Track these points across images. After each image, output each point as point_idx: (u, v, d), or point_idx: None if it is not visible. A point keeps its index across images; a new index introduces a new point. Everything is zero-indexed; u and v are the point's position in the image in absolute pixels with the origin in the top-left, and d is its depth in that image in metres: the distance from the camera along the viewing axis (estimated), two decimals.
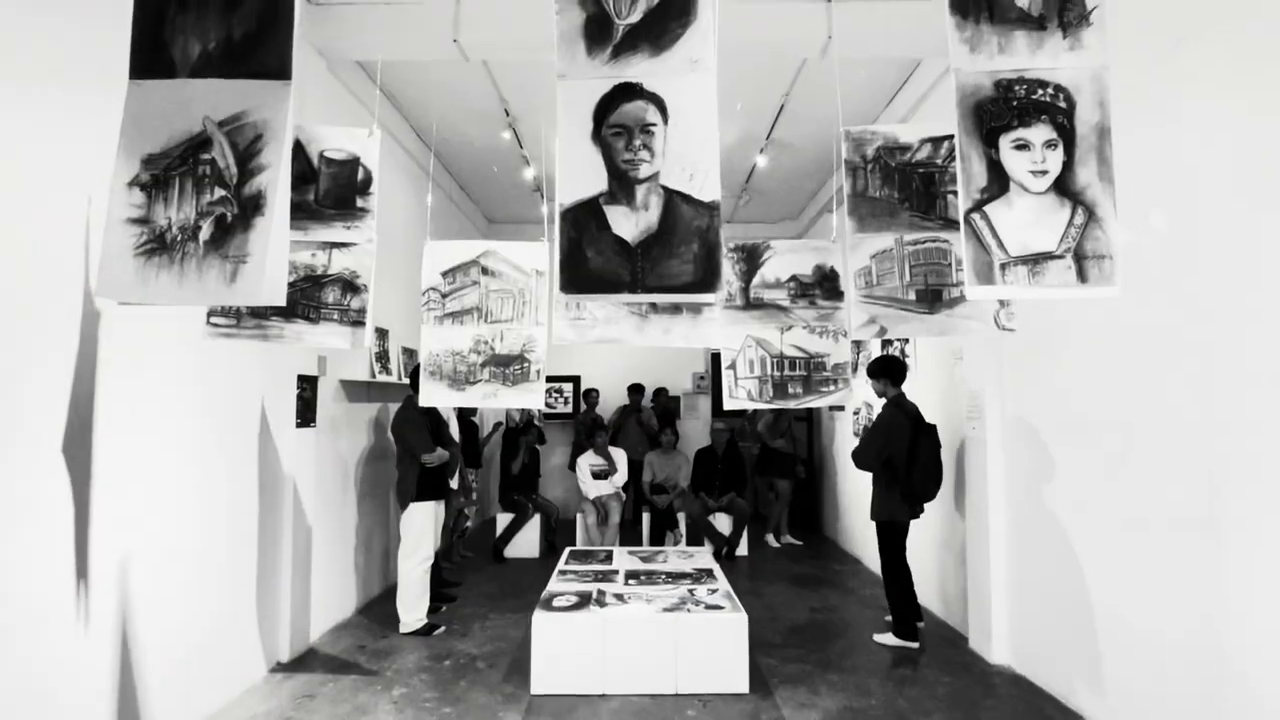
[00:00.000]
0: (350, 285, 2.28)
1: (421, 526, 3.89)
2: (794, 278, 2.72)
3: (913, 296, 2.24)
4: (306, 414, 3.61)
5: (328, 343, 2.26)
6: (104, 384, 2.21)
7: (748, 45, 3.33)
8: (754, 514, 6.37)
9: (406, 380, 4.61)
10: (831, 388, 2.71)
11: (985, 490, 3.51)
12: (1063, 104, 1.58)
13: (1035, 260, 1.58)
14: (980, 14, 1.57)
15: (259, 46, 1.56)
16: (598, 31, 1.51)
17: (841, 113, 2.70)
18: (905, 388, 3.87)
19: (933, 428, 3.77)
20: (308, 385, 3.62)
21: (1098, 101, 1.56)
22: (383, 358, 4.60)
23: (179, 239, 1.53)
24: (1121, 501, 2.58)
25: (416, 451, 3.87)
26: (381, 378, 4.52)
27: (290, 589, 3.41)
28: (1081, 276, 1.56)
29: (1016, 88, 1.59)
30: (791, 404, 2.76)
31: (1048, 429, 3.12)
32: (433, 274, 2.88)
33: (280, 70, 1.55)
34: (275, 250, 1.52)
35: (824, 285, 2.71)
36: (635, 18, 1.51)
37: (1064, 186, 1.57)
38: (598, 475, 5.75)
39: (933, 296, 2.24)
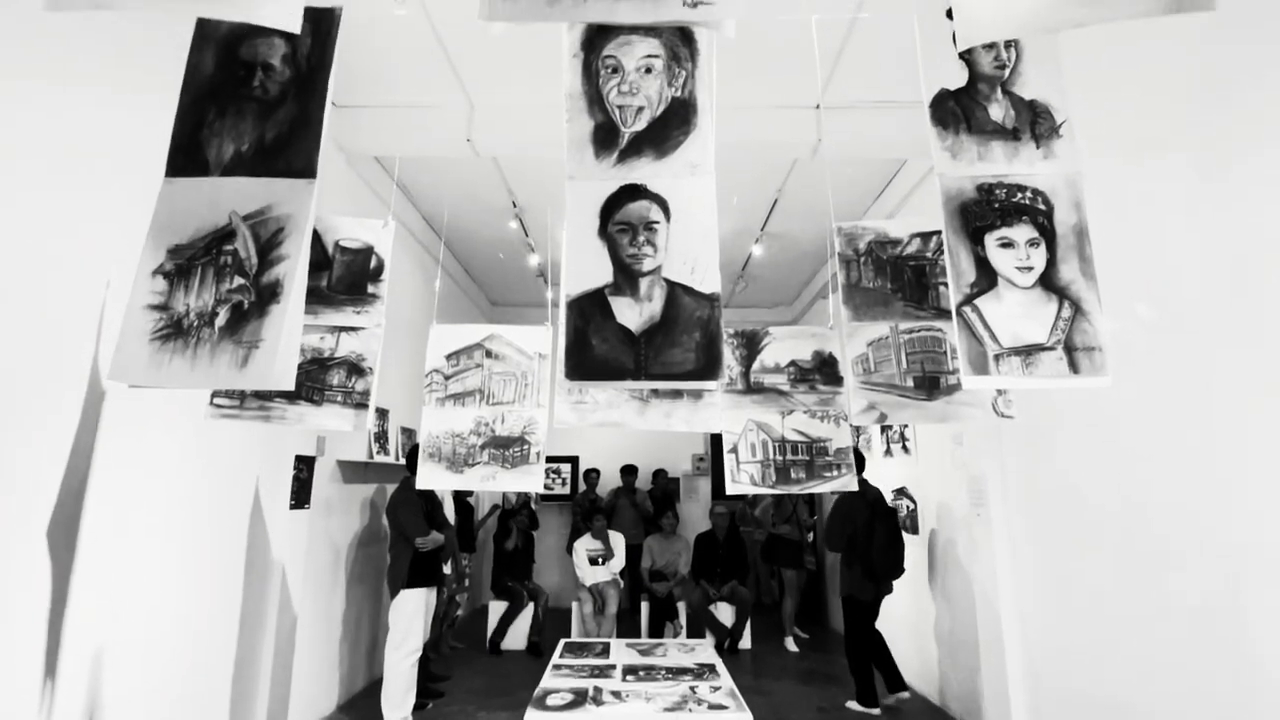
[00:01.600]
0: (356, 368, 2.31)
1: (412, 615, 3.73)
2: (793, 363, 2.77)
3: (910, 383, 2.27)
4: (301, 495, 3.55)
5: (329, 424, 2.26)
6: (99, 465, 2.20)
7: (743, 145, 3.55)
8: (756, 603, 6.13)
9: (404, 461, 4.57)
10: (834, 473, 2.69)
11: (995, 580, 3.41)
12: (1042, 206, 1.67)
13: (1028, 351, 1.62)
14: (959, 125, 1.70)
15: (288, 148, 1.67)
16: (605, 138, 1.62)
17: (833, 207, 2.85)
18: (868, 474, 4.23)
19: (892, 511, 4.02)
20: (305, 466, 3.59)
21: (1074, 204, 1.65)
22: (381, 438, 4.58)
23: (195, 324, 1.57)
24: (1138, 588, 2.51)
25: (410, 534, 3.78)
26: (379, 458, 4.48)
27: (270, 683, 3.23)
28: (1073, 367, 1.60)
29: (997, 191, 1.69)
30: (795, 489, 2.73)
31: (1055, 513, 3.07)
32: (437, 356, 2.92)
33: (306, 169, 1.65)
34: (288, 336, 1.56)
35: (823, 370, 2.75)
36: (640, 126, 1.63)
37: (1049, 282, 1.64)
38: (594, 561, 5.58)
39: (930, 383, 2.27)
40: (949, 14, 1.66)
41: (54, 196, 2.04)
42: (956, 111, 1.71)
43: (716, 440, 7.16)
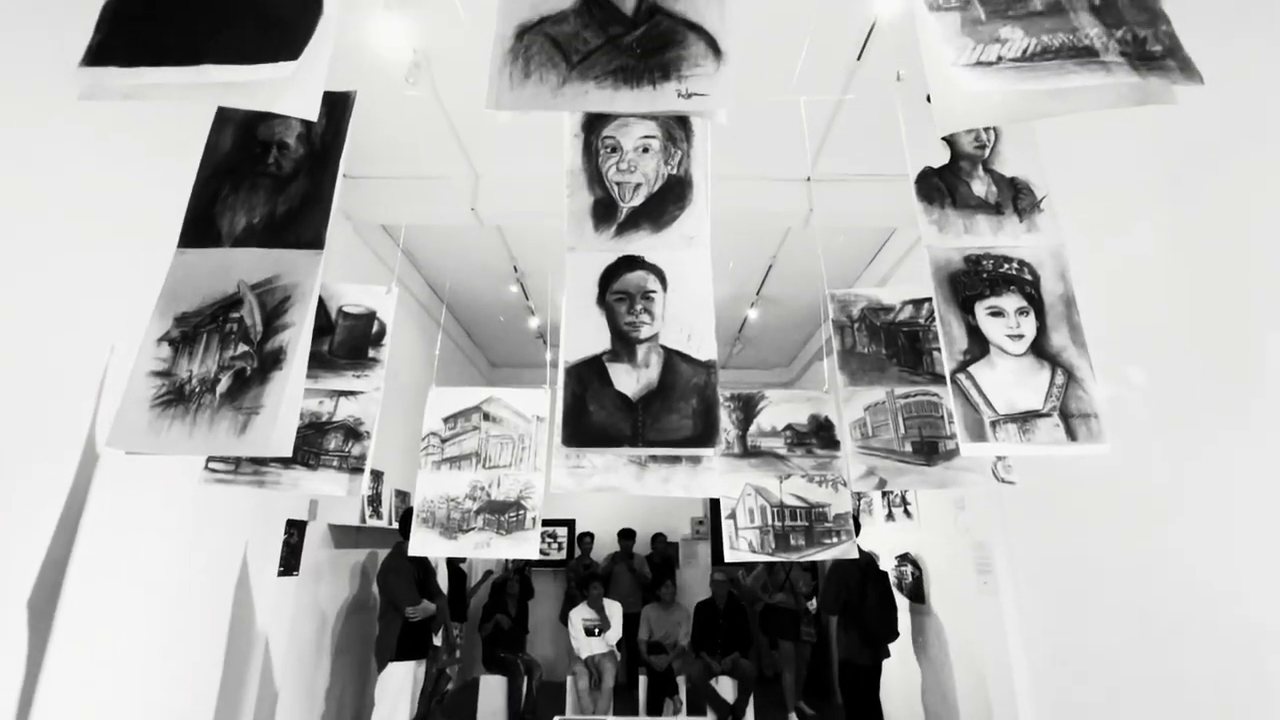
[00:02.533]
0: (353, 432, 2.31)
1: (398, 691, 3.57)
2: (790, 427, 2.77)
3: (909, 448, 2.27)
4: (291, 561, 3.46)
5: (324, 489, 2.24)
6: (86, 530, 2.16)
7: (738, 215, 3.67)
8: (759, 676, 5.87)
9: (396, 525, 4.48)
10: (834, 540, 2.65)
11: (1005, 651, 3.29)
12: (1028, 276, 1.72)
13: (1024, 418, 1.63)
14: (944, 200, 1.77)
15: (298, 221, 1.73)
16: (604, 212, 1.68)
17: (825, 274, 2.92)
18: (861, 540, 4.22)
19: (883, 575, 4.11)
20: (295, 531, 3.52)
21: (1059, 275, 1.70)
22: (375, 501, 4.51)
23: (197, 391, 1.58)
24: (1154, 659, 2.42)
25: (400, 603, 3.67)
26: (372, 522, 4.40)
27: None
28: (1071, 435, 1.60)
29: (984, 262, 1.74)
30: (794, 556, 2.68)
31: (1063, 581, 3.00)
32: (435, 419, 2.92)
33: (315, 241, 1.70)
34: (288, 403, 1.57)
35: (820, 434, 2.75)
36: (638, 201, 1.69)
37: (1041, 350, 1.66)
38: (590, 631, 5.38)
39: (929, 449, 2.27)
40: (929, 98, 1.76)
41: (69, 254, 2.09)
42: (941, 187, 1.79)
43: (716, 503, 7.05)
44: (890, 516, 4.93)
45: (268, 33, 1.19)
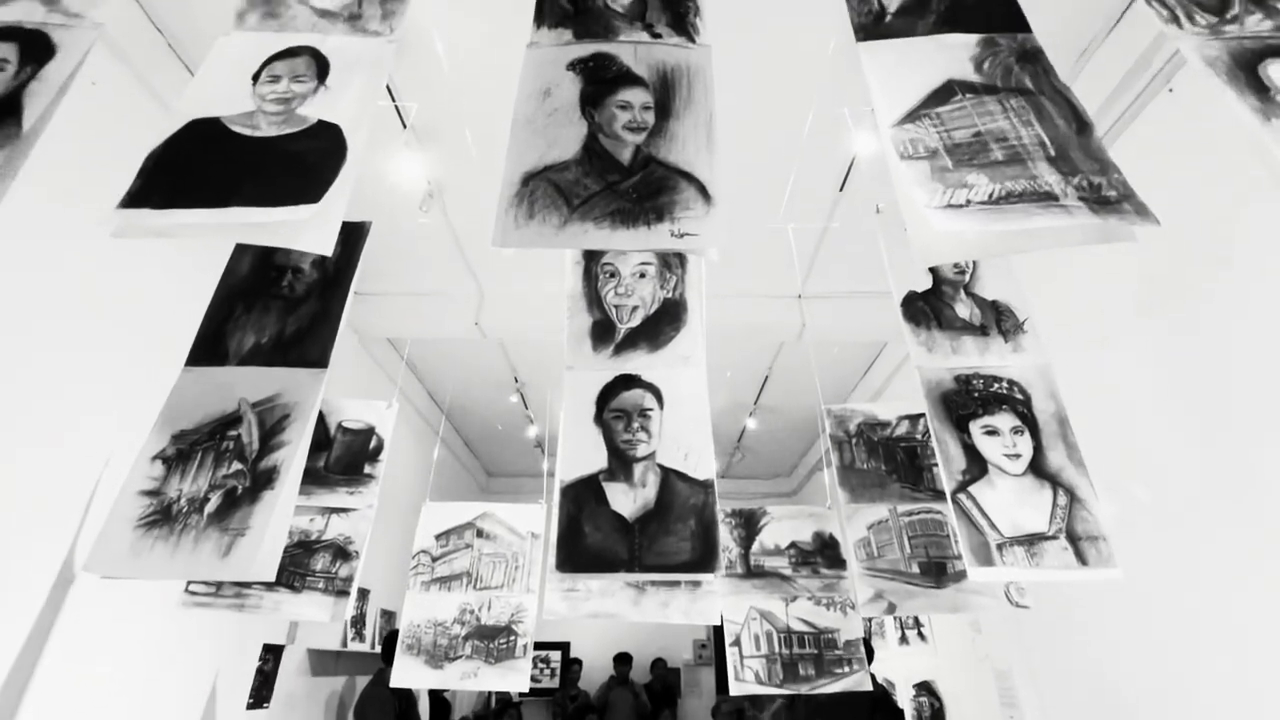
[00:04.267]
0: (342, 552, 2.24)
1: None
2: (794, 545, 2.68)
3: (916, 570, 2.19)
4: (262, 691, 3.22)
5: (307, 614, 2.13)
6: (47, 661, 2.03)
7: (733, 330, 3.78)
8: None
9: (379, 650, 4.21)
10: (845, 669, 2.48)
11: None
12: (1019, 395, 1.74)
13: (1031, 541, 1.59)
14: (930, 323, 1.84)
15: (305, 340, 1.78)
16: (602, 333, 1.74)
17: (820, 387, 2.97)
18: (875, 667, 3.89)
19: (898, 712, 3.79)
20: (271, 656, 3.30)
21: (1049, 394, 1.72)
22: (358, 622, 4.27)
23: (184, 510, 1.55)
24: None
25: None
26: (354, 645, 4.14)
27: None
28: (1080, 558, 1.55)
29: (975, 381, 1.77)
30: (804, 688, 2.50)
31: (1094, 714, 2.76)
32: (426, 537, 2.84)
33: (319, 360, 1.74)
34: (276, 525, 1.53)
35: (825, 553, 2.66)
36: (635, 323, 1.76)
37: (1039, 469, 1.65)
38: None
39: (937, 570, 2.19)
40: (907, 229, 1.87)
41: (74, 366, 2.12)
42: (926, 310, 1.86)
43: (720, 625, 6.65)
44: (904, 640, 4.64)
45: (293, 176, 1.29)
